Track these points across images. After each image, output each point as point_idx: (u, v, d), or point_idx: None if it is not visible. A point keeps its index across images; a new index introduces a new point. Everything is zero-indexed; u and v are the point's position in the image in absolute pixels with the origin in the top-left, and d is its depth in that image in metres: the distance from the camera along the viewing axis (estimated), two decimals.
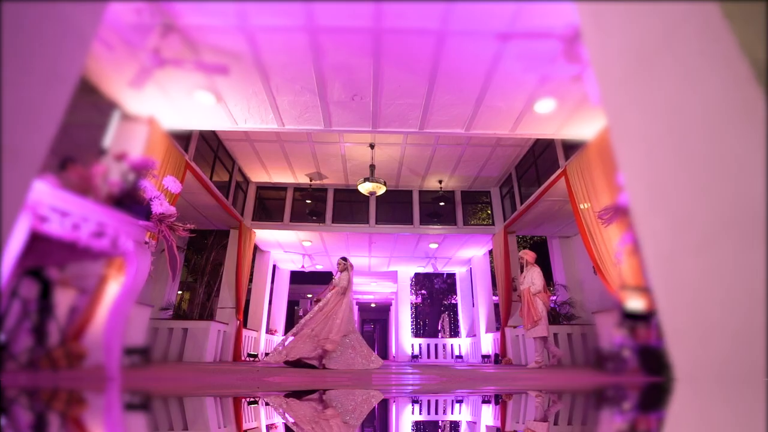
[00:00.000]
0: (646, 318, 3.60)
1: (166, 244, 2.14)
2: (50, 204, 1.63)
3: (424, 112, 4.71)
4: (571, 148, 5.79)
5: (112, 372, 1.90)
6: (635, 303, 3.95)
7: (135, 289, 1.94)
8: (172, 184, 1.98)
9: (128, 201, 2.02)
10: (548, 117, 4.78)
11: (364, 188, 6.95)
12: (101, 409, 1.56)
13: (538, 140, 6.95)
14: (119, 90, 4.35)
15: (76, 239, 1.73)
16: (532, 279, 5.62)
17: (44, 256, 2.18)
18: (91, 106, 4.93)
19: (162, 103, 4.60)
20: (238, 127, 5.08)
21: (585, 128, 4.97)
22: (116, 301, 1.90)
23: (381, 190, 7.01)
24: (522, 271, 5.92)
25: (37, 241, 1.96)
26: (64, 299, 3.51)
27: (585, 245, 5.16)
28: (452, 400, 2.11)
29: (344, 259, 5.85)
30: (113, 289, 4.33)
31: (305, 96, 4.46)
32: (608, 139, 4.85)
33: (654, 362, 2.06)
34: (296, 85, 4.28)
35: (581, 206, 5.37)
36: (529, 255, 5.85)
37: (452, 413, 1.76)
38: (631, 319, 3.70)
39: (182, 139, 5.77)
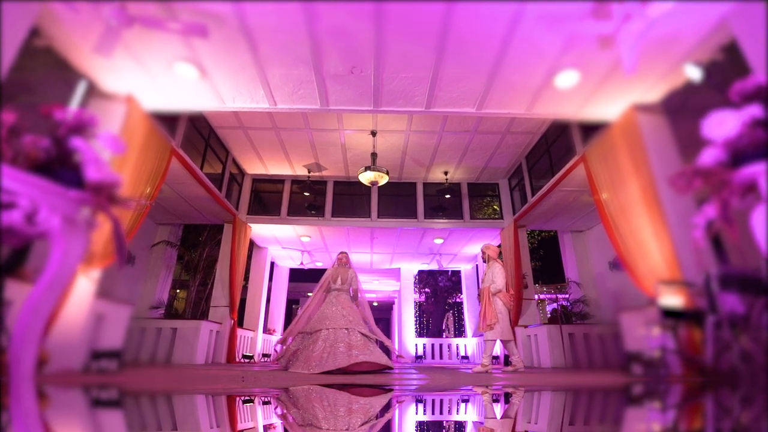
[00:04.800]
0: (691, 316, 3.13)
1: (111, 222, 1.67)
2: None
3: (431, 88, 4.22)
4: (590, 132, 5.30)
5: (21, 374, 1.44)
6: (675, 299, 3.48)
7: (61, 278, 1.47)
8: (112, 143, 1.51)
9: (56, 166, 1.56)
10: (569, 93, 4.29)
11: (365, 177, 6.47)
12: None
13: (551, 126, 6.48)
14: (91, 63, 3.89)
15: None
16: (493, 276, 5.07)
17: None
18: (63, 84, 4.49)
19: (140, 79, 4.14)
20: (226, 107, 4.62)
21: (609, 107, 4.48)
22: (33, 291, 1.44)
23: (383, 179, 6.52)
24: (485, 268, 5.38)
25: None
26: (22, 296, 3.05)
27: (609, 237, 4.68)
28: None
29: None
30: (83, 283, 3.88)
31: (299, 68, 3.99)
32: (635, 118, 4.36)
33: None
34: (288, 55, 3.80)
35: (603, 196, 4.89)
36: (491, 250, 5.32)
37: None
38: (674, 317, 3.23)
39: (168, 124, 5.32)
